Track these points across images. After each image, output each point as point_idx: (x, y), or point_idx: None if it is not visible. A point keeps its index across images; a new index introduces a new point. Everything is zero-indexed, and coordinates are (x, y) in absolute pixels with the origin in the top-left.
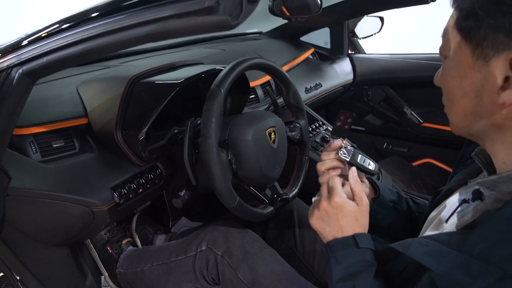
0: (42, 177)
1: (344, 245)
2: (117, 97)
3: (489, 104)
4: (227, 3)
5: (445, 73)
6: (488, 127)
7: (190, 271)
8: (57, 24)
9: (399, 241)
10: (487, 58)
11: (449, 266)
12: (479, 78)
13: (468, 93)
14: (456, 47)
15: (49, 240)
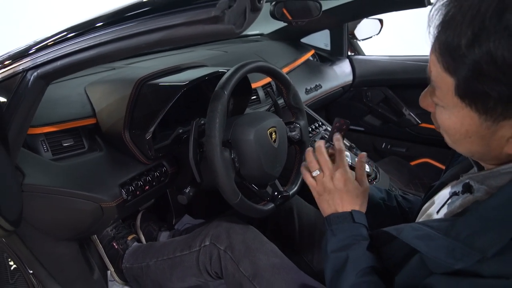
0: (54, 174)
1: (341, 219)
2: (125, 98)
3: (497, 148)
4: (231, 13)
5: (443, 119)
6: (492, 159)
7: (194, 266)
8: (71, 29)
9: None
10: (496, 122)
11: (437, 249)
12: (488, 132)
13: (474, 141)
14: (458, 107)
15: (60, 235)
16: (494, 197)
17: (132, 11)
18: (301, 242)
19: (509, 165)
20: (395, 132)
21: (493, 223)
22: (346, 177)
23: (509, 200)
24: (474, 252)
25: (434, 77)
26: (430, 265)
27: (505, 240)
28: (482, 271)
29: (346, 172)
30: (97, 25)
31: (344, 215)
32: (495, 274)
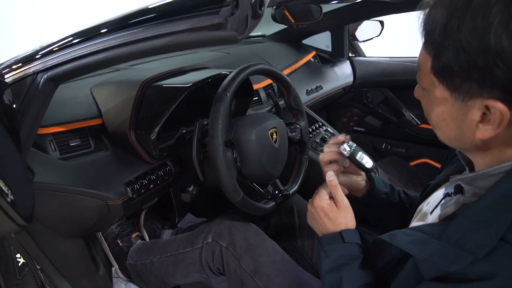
0: (62, 173)
1: (332, 240)
2: (130, 100)
3: (469, 133)
4: (234, 20)
5: (426, 104)
6: (470, 147)
7: (197, 262)
8: (80, 34)
9: (387, 233)
10: (464, 101)
11: (430, 253)
12: (459, 114)
13: (450, 124)
14: (434, 86)
15: (68, 232)
16: (482, 199)
17: (140, 17)
18: (301, 240)
19: (495, 167)
20: (395, 132)
21: (482, 225)
22: (320, 204)
23: (496, 201)
24: (466, 254)
25: (419, 61)
26: (423, 269)
27: (495, 241)
28: (471, 274)
29: (320, 199)
30: (105, 30)
31: (335, 235)
32: (480, 275)
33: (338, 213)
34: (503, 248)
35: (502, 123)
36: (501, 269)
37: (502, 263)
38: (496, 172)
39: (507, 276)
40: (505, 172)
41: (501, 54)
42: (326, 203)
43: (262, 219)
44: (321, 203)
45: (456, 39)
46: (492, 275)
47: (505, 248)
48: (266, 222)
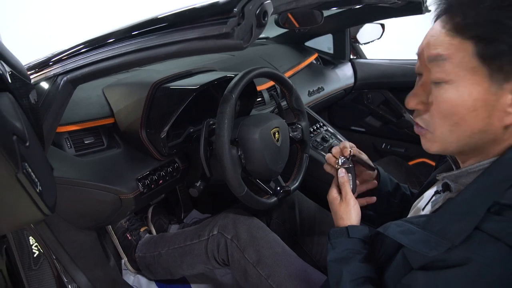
0: (78, 168)
1: (338, 234)
2: (141, 100)
3: (497, 122)
4: (240, 30)
5: (449, 99)
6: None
7: (203, 253)
8: (97, 40)
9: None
10: (502, 83)
11: (415, 241)
12: (492, 100)
13: (479, 114)
14: (470, 73)
15: (82, 224)
16: (461, 194)
17: (153, 25)
18: (301, 233)
19: (475, 165)
20: (395, 133)
21: (460, 216)
22: (329, 197)
23: (472, 195)
24: (444, 241)
25: (444, 51)
26: (410, 258)
27: (470, 230)
28: (450, 260)
29: (329, 193)
30: (122, 37)
31: (341, 230)
32: (459, 261)
33: (340, 206)
34: (477, 236)
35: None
36: (475, 255)
37: (477, 249)
38: (476, 169)
39: (480, 261)
40: (483, 169)
41: None
42: (333, 197)
43: (265, 213)
44: (329, 196)
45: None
46: (468, 260)
47: (479, 236)
48: (268, 216)
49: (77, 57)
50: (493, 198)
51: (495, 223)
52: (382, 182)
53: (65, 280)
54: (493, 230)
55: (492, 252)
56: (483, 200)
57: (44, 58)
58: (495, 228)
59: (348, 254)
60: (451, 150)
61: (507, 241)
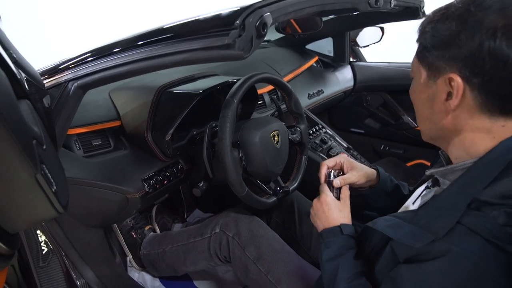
0: (86, 169)
1: (332, 233)
2: (147, 104)
3: (439, 112)
4: (241, 41)
5: (412, 89)
6: (441, 130)
7: (205, 251)
8: (107, 47)
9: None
10: (435, 79)
11: (402, 234)
12: (431, 93)
13: (424, 104)
14: (417, 70)
15: (91, 222)
16: (445, 190)
17: (160, 35)
18: (300, 232)
19: (460, 163)
20: (393, 134)
21: (444, 211)
22: (326, 199)
23: (456, 191)
24: (429, 234)
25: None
26: (397, 251)
27: (452, 223)
28: (433, 252)
29: (326, 196)
30: (130, 45)
31: (335, 229)
32: (440, 252)
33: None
34: (458, 229)
35: (459, 92)
36: (454, 246)
37: (456, 242)
38: (460, 168)
39: (458, 252)
40: (467, 168)
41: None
42: (332, 199)
43: (265, 213)
44: (328, 199)
45: (434, 26)
46: (448, 251)
47: (459, 229)
48: (268, 215)
49: (87, 64)
50: (473, 194)
51: (474, 218)
52: (381, 181)
53: (73, 275)
54: (472, 224)
55: (470, 244)
56: (464, 197)
57: (54, 65)
58: (474, 222)
59: (342, 251)
60: (428, 136)
61: (483, 235)
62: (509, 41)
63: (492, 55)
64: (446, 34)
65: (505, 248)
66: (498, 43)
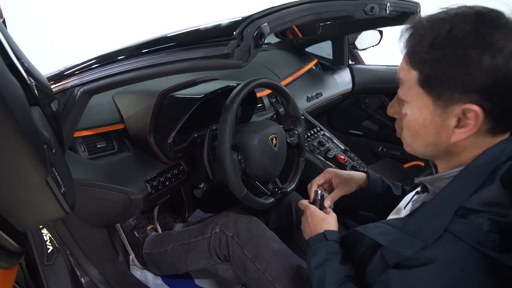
0: (91, 170)
1: (317, 240)
2: (150, 108)
3: (445, 137)
4: (239, 51)
5: (408, 115)
6: (442, 151)
7: (206, 250)
8: (112, 55)
9: (362, 225)
10: (445, 108)
11: (393, 241)
12: (438, 120)
13: (429, 131)
14: (419, 97)
15: (95, 222)
16: (434, 199)
17: (164, 44)
18: (298, 232)
19: (447, 172)
20: (391, 136)
21: (432, 219)
22: (310, 211)
23: (443, 200)
24: (419, 241)
25: (402, 76)
26: (387, 256)
27: (440, 231)
28: (422, 258)
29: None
30: (135, 53)
31: (319, 236)
32: (428, 259)
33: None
34: (445, 237)
35: (477, 123)
36: (441, 253)
37: (443, 248)
38: (447, 176)
39: (445, 258)
40: (453, 176)
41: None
42: (314, 210)
43: (264, 213)
44: (310, 211)
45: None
46: (435, 258)
47: (446, 237)
48: (267, 216)
49: (93, 70)
50: (459, 202)
51: (460, 225)
52: (371, 183)
53: (78, 273)
54: (458, 231)
55: (455, 251)
56: (451, 205)
57: (59, 71)
58: (460, 229)
59: (328, 256)
60: (420, 154)
61: (468, 241)
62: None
63: (509, 79)
64: (455, 61)
65: (489, 254)
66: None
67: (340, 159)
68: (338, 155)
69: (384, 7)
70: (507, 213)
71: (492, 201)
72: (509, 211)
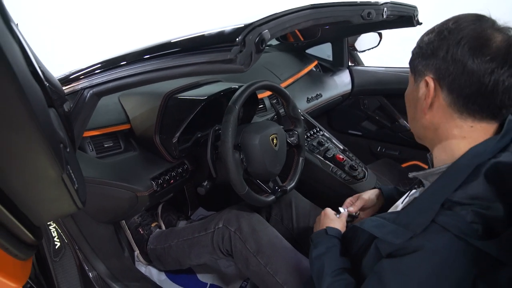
0: (99, 169)
1: (319, 234)
2: (155, 109)
3: (420, 111)
4: (242, 56)
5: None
6: (423, 129)
7: (209, 245)
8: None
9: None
10: (418, 82)
11: (386, 233)
12: (415, 94)
13: (411, 104)
14: (410, 76)
15: (102, 218)
16: (423, 193)
17: (169, 49)
18: (297, 228)
19: (437, 168)
20: (389, 136)
21: (421, 211)
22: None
23: (431, 194)
24: (408, 231)
25: None
26: (380, 247)
27: (428, 222)
28: (410, 247)
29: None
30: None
31: (321, 231)
32: (415, 247)
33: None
34: (432, 227)
35: (433, 92)
36: (427, 242)
37: (429, 238)
38: (437, 172)
39: (430, 247)
40: (442, 172)
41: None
42: (329, 211)
43: (265, 210)
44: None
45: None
46: (422, 247)
47: (433, 227)
48: (268, 212)
49: (102, 73)
50: (446, 196)
51: (445, 217)
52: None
53: (86, 268)
54: (444, 222)
55: (441, 240)
56: (438, 198)
57: (69, 73)
58: (445, 220)
59: (327, 249)
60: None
61: (453, 231)
62: (469, 50)
63: (454, 59)
64: (426, 44)
65: (472, 243)
66: (460, 50)
67: (338, 158)
68: (337, 155)
69: (381, 12)
70: (490, 206)
71: (477, 195)
72: (491, 204)
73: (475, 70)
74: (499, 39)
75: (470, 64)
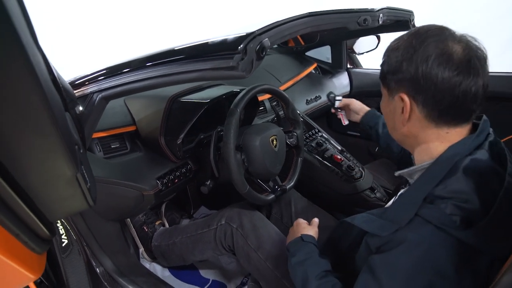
0: (107, 169)
1: (295, 243)
2: (160, 112)
3: (398, 122)
4: (243, 64)
5: (381, 104)
6: (403, 137)
7: (212, 241)
8: (128, 64)
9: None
10: (392, 96)
11: (374, 227)
12: (391, 107)
13: (388, 116)
14: (383, 90)
15: (110, 216)
16: (408, 189)
17: (175, 56)
18: None
19: (418, 165)
20: None
21: (406, 205)
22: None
23: (415, 189)
24: (394, 225)
25: None
26: (370, 242)
27: (412, 215)
28: (396, 240)
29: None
30: (149, 63)
31: (297, 239)
32: (400, 239)
33: (304, 225)
34: (415, 220)
35: (409, 108)
36: (410, 233)
37: (412, 229)
38: (420, 169)
39: (413, 238)
40: (424, 169)
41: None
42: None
43: (265, 208)
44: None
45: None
46: (405, 238)
47: (416, 220)
48: (268, 211)
49: (110, 78)
50: (428, 190)
51: (427, 210)
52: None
53: (94, 264)
54: (426, 215)
55: (423, 232)
56: (421, 192)
57: (79, 77)
58: (427, 213)
59: (306, 255)
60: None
61: (435, 223)
62: (437, 66)
63: (425, 77)
64: (395, 62)
65: (451, 233)
66: (429, 68)
67: (336, 158)
68: (335, 155)
69: (376, 18)
70: (468, 199)
71: (456, 190)
72: (469, 197)
73: (446, 86)
74: (459, 50)
75: (440, 80)
